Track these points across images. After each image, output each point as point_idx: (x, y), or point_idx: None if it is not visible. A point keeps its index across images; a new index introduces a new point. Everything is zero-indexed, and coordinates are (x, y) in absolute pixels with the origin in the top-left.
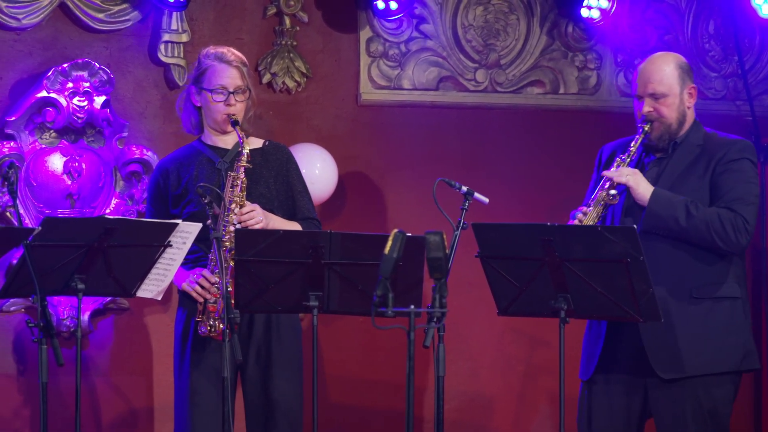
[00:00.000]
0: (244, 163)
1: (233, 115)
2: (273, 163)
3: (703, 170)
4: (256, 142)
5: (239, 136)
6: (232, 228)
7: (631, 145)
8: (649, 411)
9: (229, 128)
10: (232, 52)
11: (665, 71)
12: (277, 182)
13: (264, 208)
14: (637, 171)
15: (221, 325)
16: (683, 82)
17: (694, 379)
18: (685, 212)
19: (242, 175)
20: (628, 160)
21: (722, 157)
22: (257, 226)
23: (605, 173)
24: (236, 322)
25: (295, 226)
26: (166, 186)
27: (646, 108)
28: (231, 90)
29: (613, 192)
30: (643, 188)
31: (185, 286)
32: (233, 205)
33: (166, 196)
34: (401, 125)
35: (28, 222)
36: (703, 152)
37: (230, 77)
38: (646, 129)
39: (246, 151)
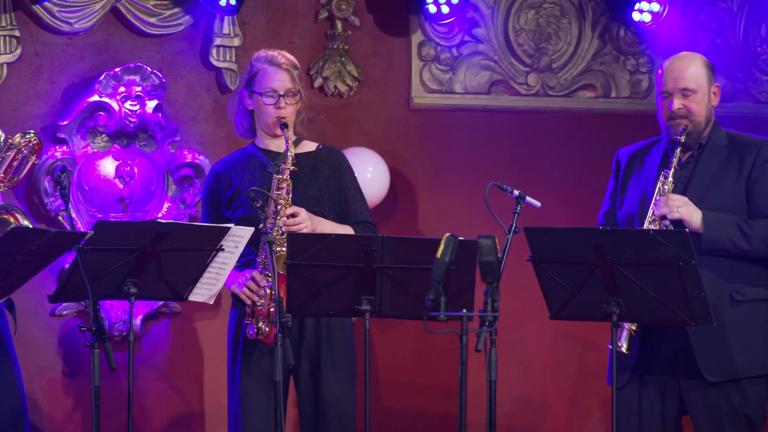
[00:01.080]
0: (289, 166)
1: (283, 118)
2: (325, 166)
3: (736, 174)
4: (309, 146)
5: (286, 139)
6: (280, 231)
7: (672, 159)
8: (684, 409)
9: (279, 131)
10: (283, 55)
11: (695, 68)
12: (328, 185)
13: (312, 210)
14: (685, 199)
15: (267, 328)
16: (710, 80)
17: (731, 382)
18: (740, 233)
19: (287, 177)
20: (671, 177)
21: (756, 159)
22: (294, 228)
23: (658, 211)
24: (288, 325)
25: (346, 229)
26: (218, 189)
27: (677, 104)
28: (281, 93)
29: (666, 222)
30: (695, 219)
31: (234, 288)
32: (279, 207)
33: (219, 199)
34: (453, 129)
35: (81, 226)
36: (731, 153)
37: (280, 80)
38: (685, 126)
39: (291, 153)
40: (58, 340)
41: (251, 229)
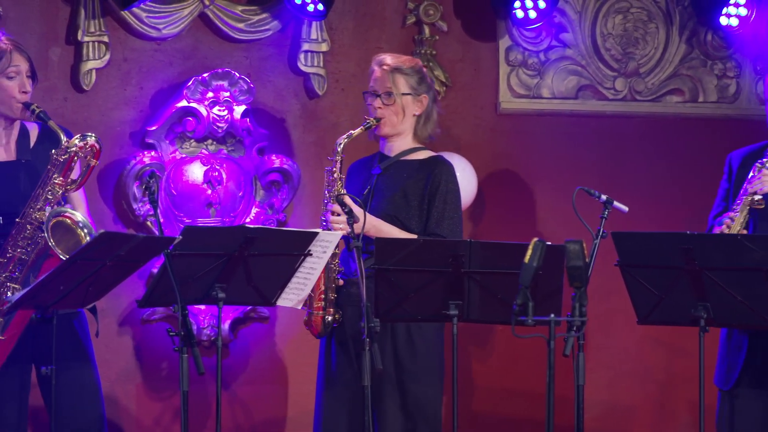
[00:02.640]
0: (337, 158)
1: (374, 119)
2: (425, 178)
3: None
4: (422, 154)
5: (349, 134)
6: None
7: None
8: None
9: (380, 132)
10: (388, 56)
11: None
12: (420, 197)
13: (386, 213)
14: None
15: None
16: None
17: None
18: None
19: (334, 169)
20: None
21: None
22: (338, 227)
23: (752, 185)
24: (376, 330)
25: (406, 236)
26: (351, 184)
27: None
28: (378, 92)
29: (758, 197)
30: None
31: None
32: (333, 191)
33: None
34: (540, 134)
35: (169, 231)
36: None
37: (378, 79)
38: None
39: (340, 148)
40: (147, 345)
41: (339, 234)
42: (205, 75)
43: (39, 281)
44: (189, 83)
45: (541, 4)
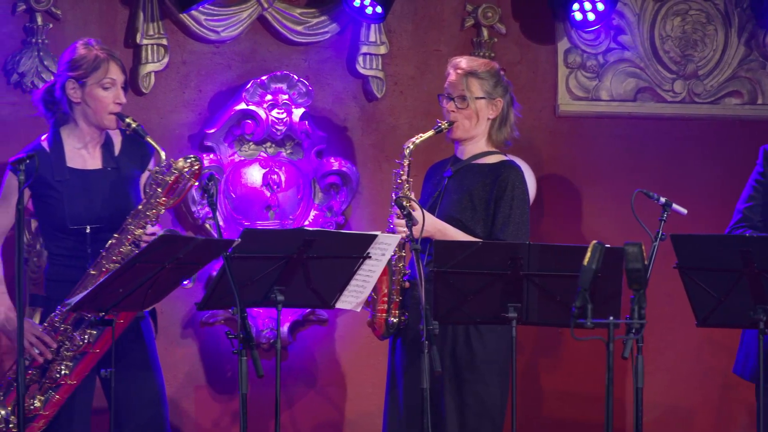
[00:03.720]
0: (405, 163)
1: (447, 122)
2: (493, 182)
3: None
4: (493, 158)
5: (414, 139)
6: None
7: None
8: None
9: (453, 136)
10: (462, 60)
11: None
12: (487, 201)
13: (449, 216)
14: None
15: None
16: None
17: None
18: None
19: (401, 173)
20: None
21: None
22: (400, 230)
23: None
24: (435, 333)
25: (460, 235)
26: (426, 187)
27: None
28: (452, 95)
29: None
30: None
31: None
32: (401, 193)
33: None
34: (599, 136)
35: (228, 234)
36: None
37: (452, 83)
38: None
39: (407, 151)
40: (206, 348)
41: (398, 237)
42: (263, 78)
43: (98, 283)
44: (248, 86)
45: (600, 6)
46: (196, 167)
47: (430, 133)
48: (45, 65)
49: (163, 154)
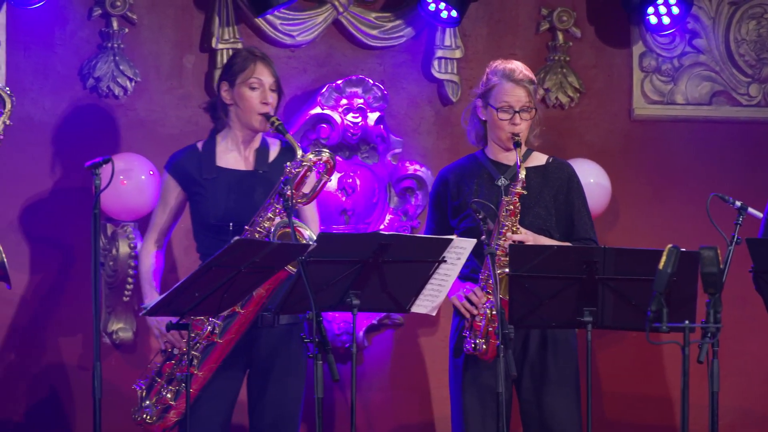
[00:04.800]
0: (519, 190)
1: (517, 135)
2: (554, 181)
3: None
4: (539, 159)
5: (518, 160)
6: (501, 251)
7: None
8: None
9: (511, 146)
10: (521, 71)
11: None
12: (556, 201)
13: (539, 228)
14: None
15: (485, 346)
16: None
17: None
18: None
19: (516, 200)
20: None
21: None
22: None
23: None
24: (510, 337)
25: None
26: (445, 196)
27: None
28: (516, 109)
29: None
30: None
31: (454, 299)
32: (505, 229)
33: (445, 206)
34: (674, 140)
35: (307, 236)
36: None
37: (517, 96)
38: None
39: (522, 176)
40: None
41: (473, 241)
42: (339, 82)
43: (175, 287)
44: (323, 90)
45: (675, 10)
46: (325, 159)
47: (518, 153)
48: (121, 70)
49: (299, 151)
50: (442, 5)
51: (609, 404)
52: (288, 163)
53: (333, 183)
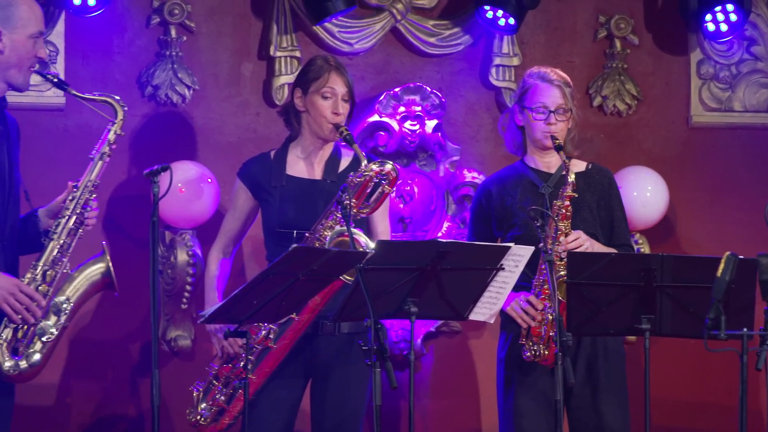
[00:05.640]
0: (569, 192)
1: (556, 138)
2: (596, 187)
3: None
4: (578, 165)
5: (564, 162)
6: (559, 257)
7: None
8: None
9: (549, 144)
10: (555, 72)
11: None
12: (599, 207)
13: (586, 232)
14: None
15: (546, 351)
16: None
17: None
18: None
19: (567, 203)
20: None
21: None
22: (570, 246)
23: None
24: (568, 344)
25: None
26: (489, 207)
27: None
28: (552, 109)
29: None
30: None
31: (510, 309)
32: (559, 233)
33: (489, 216)
34: (732, 147)
35: (363, 244)
36: None
37: (551, 96)
38: None
39: (571, 179)
40: None
41: (531, 249)
42: (396, 89)
43: (233, 295)
44: (381, 98)
45: (733, 17)
46: (387, 171)
47: (562, 155)
48: (179, 78)
49: (364, 161)
50: (500, 13)
51: (664, 412)
52: (352, 173)
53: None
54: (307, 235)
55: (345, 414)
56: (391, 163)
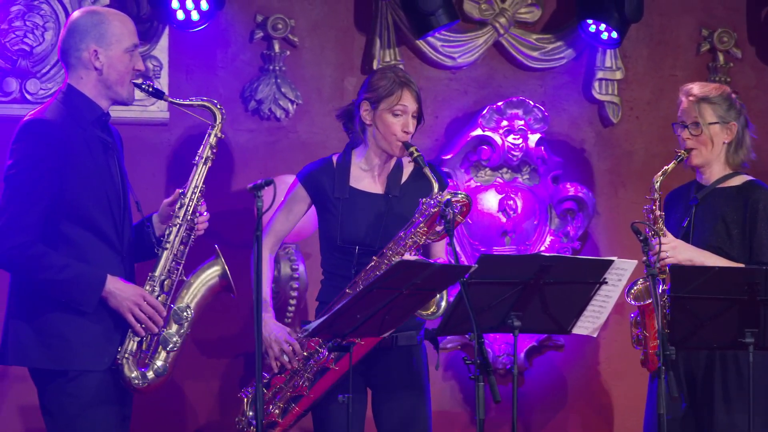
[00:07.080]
0: (656, 196)
1: (686, 151)
2: (743, 202)
3: None
4: (737, 180)
5: (667, 169)
6: (659, 264)
7: None
8: None
9: (691, 163)
10: (694, 86)
11: None
12: (739, 223)
13: (708, 244)
14: None
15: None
16: None
17: None
18: None
19: (653, 207)
20: None
21: None
22: (668, 260)
23: None
24: (672, 358)
25: (722, 262)
26: (667, 219)
27: None
28: (687, 123)
29: None
30: None
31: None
32: (651, 233)
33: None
34: None
35: (464, 259)
36: None
37: (685, 111)
38: None
39: (656, 185)
40: (443, 373)
41: (634, 262)
42: (499, 103)
43: (336, 309)
44: (484, 112)
45: None
46: (463, 203)
47: (672, 164)
48: (282, 92)
49: (436, 186)
50: (603, 27)
51: None
52: (423, 200)
53: (494, 204)
54: (375, 258)
55: (412, 424)
56: (463, 192)
